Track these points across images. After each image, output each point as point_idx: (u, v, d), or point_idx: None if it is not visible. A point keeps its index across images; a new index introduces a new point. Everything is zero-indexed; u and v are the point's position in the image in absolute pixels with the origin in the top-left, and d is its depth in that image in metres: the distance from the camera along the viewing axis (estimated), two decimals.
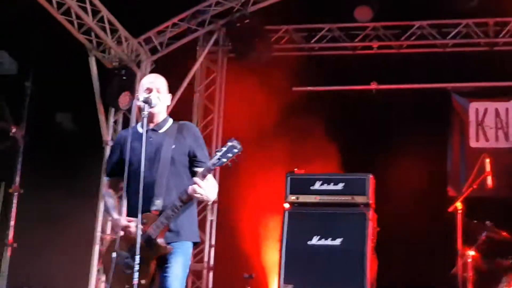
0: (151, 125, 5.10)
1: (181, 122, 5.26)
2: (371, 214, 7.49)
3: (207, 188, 4.85)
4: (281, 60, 10.23)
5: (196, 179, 4.83)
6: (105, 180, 5.29)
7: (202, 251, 10.33)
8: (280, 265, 7.38)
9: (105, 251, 5.35)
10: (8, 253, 8.72)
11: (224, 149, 4.92)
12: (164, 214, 4.89)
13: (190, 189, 4.83)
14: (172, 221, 4.94)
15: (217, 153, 4.92)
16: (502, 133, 9.71)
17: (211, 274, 10.32)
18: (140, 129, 5.08)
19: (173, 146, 5.05)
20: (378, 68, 10.13)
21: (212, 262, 10.35)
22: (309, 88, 10.29)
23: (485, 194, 8.17)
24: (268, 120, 9.60)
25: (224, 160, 4.89)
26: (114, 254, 4.84)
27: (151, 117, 5.07)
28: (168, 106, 5.31)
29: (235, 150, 4.91)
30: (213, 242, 10.39)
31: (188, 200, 4.92)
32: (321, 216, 7.55)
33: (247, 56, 10.01)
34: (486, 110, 9.86)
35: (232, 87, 10.78)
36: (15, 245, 8.70)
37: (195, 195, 4.82)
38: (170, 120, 5.21)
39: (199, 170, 5.04)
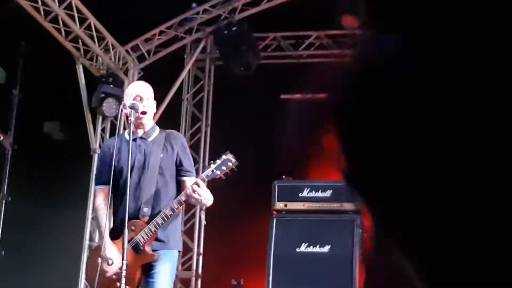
0: (139, 133, 5.14)
1: (168, 130, 5.30)
2: (359, 221, 7.50)
3: (206, 191, 4.91)
4: (269, 67, 10.26)
5: (198, 180, 4.87)
6: (98, 188, 5.27)
7: (190, 259, 10.34)
8: (268, 272, 7.37)
9: (89, 258, 5.37)
10: None
11: (219, 161, 4.99)
12: (153, 222, 4.93)
13: (189, 189, 4.87)
14: (160, 230, 4.98)
15: (211, 165, 4.99)
16: None
17: (199, 282, 10.32)
18: (127, 137, 5.10)
19: (161, 155, 5.09)
20: None
21: (200, 270, 10.35)
22: (297, 95, 10.30)
23: None
24: (256, 127, 9.61)
25: (218, 172, 4.96)
26: (99, 260, 4.87)
27: (138, 125, 5.10)
28: (154, 114, 5.34)
29: (230, 164, 4.99)
30: (201, 250, 10.40)
31: (178, 209, 4.97)
32: (309, 223, 7.54)
33: (235, 63, 10.03)
34: None
35: (220, 95, 10.80)
36: (2, 253, 8.67)
37: (194, 195, 4.85)
38: (157, 129, 5.25)
39: (186, 179, 5.09)
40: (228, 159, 5.03)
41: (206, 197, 4.92)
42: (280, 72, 10.27)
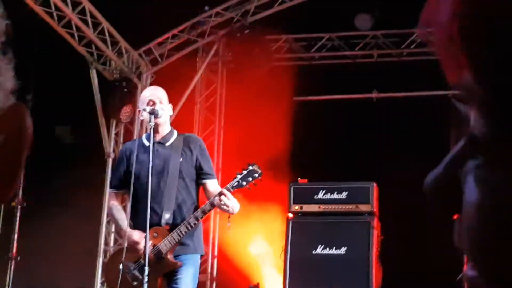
0: (157, 138, 5.08)
1: (186, 134, 5.25)
2: (375, 223, 7.42)
3: (233, 200, 4.86)
4: (281, 69, 10.18)
5: (223, 190, 4.82)
6: (110, 192, 5.23)
7: (205, 262, 10.26)
8: (284, 274, 7.31)
9: (109, 262, 5.31)
10: (11, 266, 8.66)
11: (245, 172, 4.95)
12: (177, 230, 4.87)
13: (217, 199, 4.83)
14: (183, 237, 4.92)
15: (237, 175, 4.93)
16: None
17: (214, 285, 10.25)
18: (146, 142, 5.06)
19: (181, 159, 5.03)
20: (379, 77, 10.08)
21: (215, 273, 10.27)
22: (309, 97, 10.24)
23: None
24: (269, 130, 9.54)
25: (244, 183, 4.92)
26: (121, 266, 4.80)
27: (156, 129, 5.05)
28: (170, 117, 5.29)
29: (256, 175, 4.95)
30: (216, 253, 10.32)
31: (205, 214, 4.92)
32: (325, 225, 7.49)
33: (248, 66, 9.97)
34: None
35: (232, 98, 10.73)
36: (18, 258, 8.63)
37: (222, 206, 4.80)
38: (175, 133, 5.20)
39: (208, 182, 5.04)
40: (254, 170, 4.98)
41: (233, 206, 4.86)
42: (292, 74, 10.21)
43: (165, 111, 5.09)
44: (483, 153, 0.81)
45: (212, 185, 5.05)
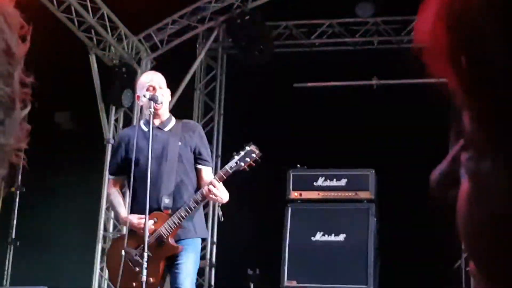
0: (156, 123, 5.08)
1: (184, 120, 5.26)
2: (374, 210, 7.43)
3: (222, 190, 4.85)
4: (281, 56, 10.18)
5: (213, 180, 4.83)
6: (109, 178, 5.23)
7: (204, 248, 10.27)
8: (283, 261, 7.33)
9: (110, 248, 5.32)
10: (11, 252, 8.67)
11: (242, 153, 4.93)
12: (177, 214, 4.87)
13: (205, 189, 4.82)
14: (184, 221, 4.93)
15: (235, 156, 4.92)
16: None
17: (213, 271, 10.27)
18: (144, 127, 5.06)
19: (180, 144, 5.04)
20: (379, 63, 10.07)
21: (214, 259, 10.30)
22: (310, 84, 10.22)
23: None
24: (269, 117, 9.54)
25: (242, 164, 4.91)
26: (123, 252, 4.81)
27: (155, 115, 5.04)
28: (169, 102, 5.29)
29: (253, 155, 4.93)
30: (215, 239, 10.34)
31: (202, 200, 4.91)
32: (324, 212, 7.50)
33: (248, 53, 9.95)
34: None
35: (232, 84, 10.73)
36: (17, 244, 8.64)
37: (210, 196, 4.80)
38: (173, 119, 5.21)
39: (202, 168, 5.04)
40: (252, 150, 4.97)
41: (222, 196, 4.86)
42: (292, 60, 10.20)
43: (165, 96, 5.09)
44: (473, 145, 0.81)
45: (207, 172, 5.06)
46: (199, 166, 5.08)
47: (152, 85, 5.04)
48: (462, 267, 7.43)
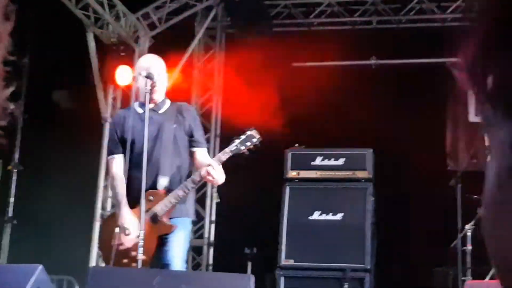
0: (151, 106, 5.11)
1: (179, 103, 5.30)
2: (372, 189, 7.46)
3: (220, 172, 4.90)
4: (280, 36, 10.18)
5: (212, 162, 4.88)
6: (111, 158, 5.24)
7: (202, 227, 10.34)
8: (280, 240, 7.36)
9: (103, 225, 5.36)
10: (8, 229, 8.71)
11: (243, 137, 4.99)
12: (173, 194, 4.92)
13: (204, 171, 4.87)
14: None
15: (235, 140, 4.97)
16: None
17: (211, 250, 10.34)
18: (139, 109, 5.11)
19: (174, 126, 5.09)
20: (378, 43, 10.08)
21: (212, 238, 10.36)
22: (308, 63, 10.23)
23: (484, 169, 8.10)
24: (267, 96, 9.54)
25: (242, 148, 4.97)
26: (117, 229, 4.85)
27: (151, 97, 5.07)
28: (168, 81, 5.32)
29: (254, 140, 4.99)
30: (213, 218, 10.40)
31: (199, 181, 4.97)
32: (322, 191, 7.52)
33: (247, 32, 9.95)
34: None
35: (231, 64, 10.72)
36: (15, 221, 8.68)
37: (208, 177, 4.85)
38: (168, 101, 5.26)
39: (197, 150, 5.09)
40: (252, 135, 5.02)
41: (219, 178, 4.90)
42: (291, 40, 10.19)
43: (161, 81, 5.12)
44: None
45: (201, 154, 5.10)
46: (193, 149, 5.13)
47: (148, 70, 5.04)
48: (458, 246, 7.48)
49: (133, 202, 4.89)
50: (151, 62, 5.17)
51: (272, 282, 7.44)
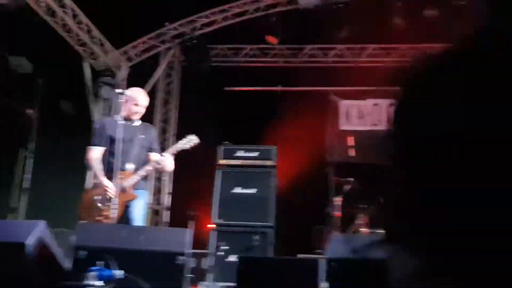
0: (128, 122, 5.19)
1: (146, 123, 5.42)
2: (275, 173, 7.55)
3: (170, 162, 5.00)
4: (217, 68, 10.26)
5: (164, 154, 5.02)
6: (92, 148, 5.23)
7: (163, 196, 10.32)
8: (214, 206, 7.37)
9: (84, 195, 5.29)
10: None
11: (185, 140, 5.17)
12: (138, 173, 5.00)
13: (159, 158, 4.98)
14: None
15: (180, 141, 5.12)
16: (362, 120, 9.94)
17: (168, 212, 10.33)
18: (121, 120, 5.15)
19: (143, 136, 5.17)
20: (283, 74, 10.17)
21: (169, 204, 10.33)
22: (236, 88, 10.32)
23: (349, 160, 8.38)
24: (208, 109, 9.60)
25: (186, 146, 5.11)
26: (95, 197, 4.89)
27: (132, 115, 5.17)
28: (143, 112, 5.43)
29: (193, 142, 5.15)
30: (170, 190, 10.37)
31: (155, 166, 5.07)
32: (242, 173, 7.53)
33: (195, 65, 10.02)
34: (351, 105, 10.08)
35: (184, 86, 10.76)
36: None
37: (159, 165, 4.97)
38: (140, 120, 5.33)
39: (152, 153, 5.24)
40: (192, 138, 5.18)
41: (168, 166, 5.05)
42: (224, 71, 10.26)
43: (143, 108, 5.27)
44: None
45: (155, 155, 5.22)
46: (151, 153, 5.24)
47: (136, 102, 5.17)
48: (330, 212, 7.62)
49: (110, 178, 4.97)
50: (139, 97, 5.27)
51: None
